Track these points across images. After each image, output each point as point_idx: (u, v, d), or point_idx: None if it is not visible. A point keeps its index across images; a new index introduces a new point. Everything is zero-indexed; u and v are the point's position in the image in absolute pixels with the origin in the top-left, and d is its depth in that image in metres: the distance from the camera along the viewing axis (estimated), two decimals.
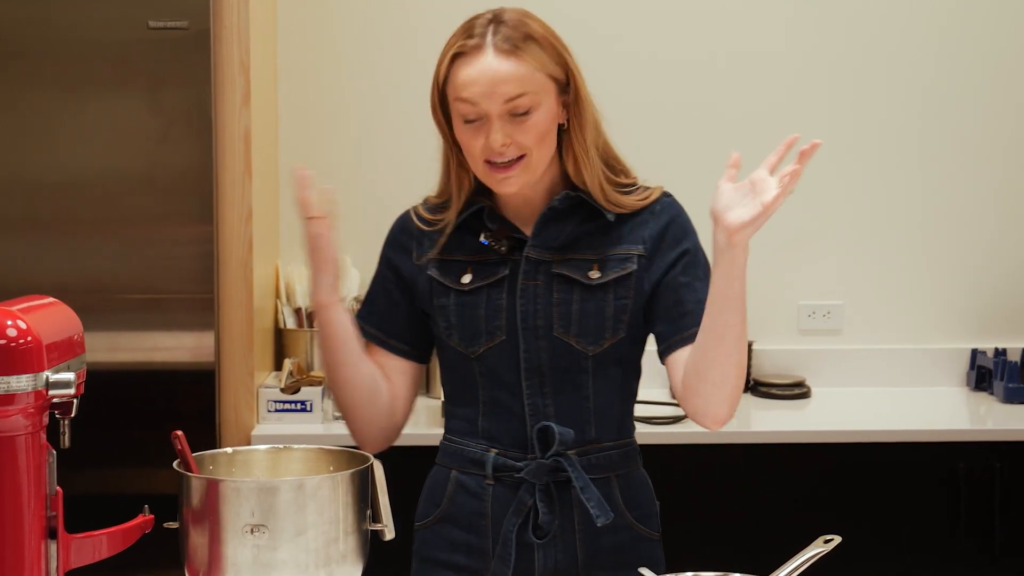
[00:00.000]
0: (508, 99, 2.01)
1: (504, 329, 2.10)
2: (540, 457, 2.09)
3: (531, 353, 2.10)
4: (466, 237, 2.14)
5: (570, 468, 2.07)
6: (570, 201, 2.12)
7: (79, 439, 1.82)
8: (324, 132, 3.83)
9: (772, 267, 3.89)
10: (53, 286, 2.21)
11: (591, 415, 2.12)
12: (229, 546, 1.79)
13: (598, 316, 2.09)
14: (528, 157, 2.04)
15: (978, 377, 3.81)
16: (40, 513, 1.73)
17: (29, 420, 1.71)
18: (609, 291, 2.10)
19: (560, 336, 2.09)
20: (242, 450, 2.03)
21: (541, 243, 2.11)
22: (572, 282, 2.10)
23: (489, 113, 2.02)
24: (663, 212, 2.16)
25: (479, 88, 2.01)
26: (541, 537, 2.09)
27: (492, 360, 2.11)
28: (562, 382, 2.10)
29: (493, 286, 2.11)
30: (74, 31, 3.17)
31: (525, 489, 2.09)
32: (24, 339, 1.68)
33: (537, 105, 2.03)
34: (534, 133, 2.03)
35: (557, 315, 2.09)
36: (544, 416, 2.10)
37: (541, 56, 2.05)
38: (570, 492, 2.09)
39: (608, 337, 2.10)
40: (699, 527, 3.27)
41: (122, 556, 1.87)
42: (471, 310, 2.11)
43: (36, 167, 3.20)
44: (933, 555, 3.28)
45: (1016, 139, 3.89)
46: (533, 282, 2.10)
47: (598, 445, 2.12)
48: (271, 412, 3.33)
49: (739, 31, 3.87)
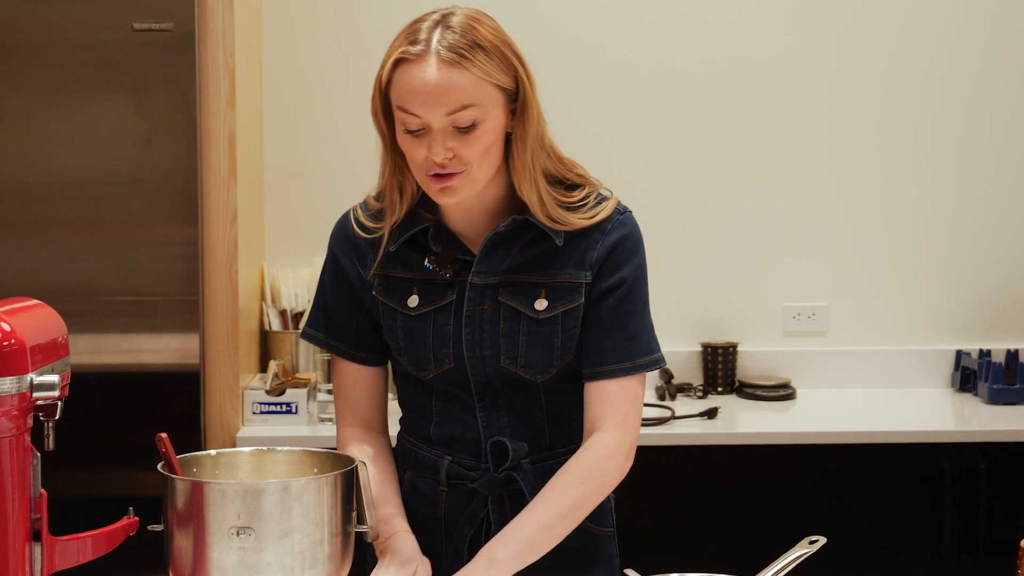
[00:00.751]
0: (451, 112, 1.89)
1: (451, 357, 2.05)
2: (493, 470, 2.07)
3: (479, 377, 2.06)
4: (411, 254, 2.06)
5: (523, 481, 2.05)
6: (515, 224, 2.02)
7: (63, 441, 1.82)
8: (309, 134, 3.83)
9: (757, 268, 3.90)
10: (37, 288, 2.21)
11: (545, 423, 2.09)
12: (214, 548, 1.78)
13: (546, 348, 2.04)
14: (469, 171, 1.94)
15: (963, 378, 3.82)
16: (24, 515, 1.72)
17: (13, 423, 1.70)
18: (557, 323, 2.03)
19: (507, 367, 2.04)
20: (227, 452, 2.02)
21: (486, 269, 2.03)
22: (518, 314, 2.02)
23: (430, 125, 1.91)
24: (612, 231, 2.05)
25: (420, 100, 1.90)
26: None
27: (443, 381, 2.07)
28: (515, 399, 2.07)
29: (440, 311, 2.05)
30: (58, 32, 3.16)
31: (478, 500, 2.08)
32: (8, 341, 1.68)
33: (483, 118, 1.92)
34: (478, 147, 1.92)
35: (504, 346, 2.03)
36: (498, 428, 2.07)
37: (488, 66, 1.92)
38: (523, 501, 2.05)
39: (556, 364, 2.05)
40: (684, 528, 3.28)
41: (107, 559, 1.87)
42: (419, 335, 2.05)
43: (20, 169, 3.19)
44: (918, 556, 3.29)
45: (1002, 142, 3.90)
46: (479, 307, 2.03)
47: (552, 452, 2.09)
48: (256, 414, 3.33)
49: (727, 37, 3.88)
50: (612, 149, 3.85)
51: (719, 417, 3.47)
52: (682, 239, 3.86)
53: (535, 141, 2.00)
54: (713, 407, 3.50)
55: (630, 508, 3.27)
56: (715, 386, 3.79)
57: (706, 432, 3.36)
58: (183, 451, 1.93)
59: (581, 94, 3.84)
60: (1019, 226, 3.91)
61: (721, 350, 3.79)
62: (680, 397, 3.72)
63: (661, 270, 3.86)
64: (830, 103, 3.88)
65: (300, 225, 3.82)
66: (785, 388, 3.75)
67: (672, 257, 3.86)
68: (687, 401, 3.68)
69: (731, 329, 3.89)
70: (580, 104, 3.84)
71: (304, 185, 3.84)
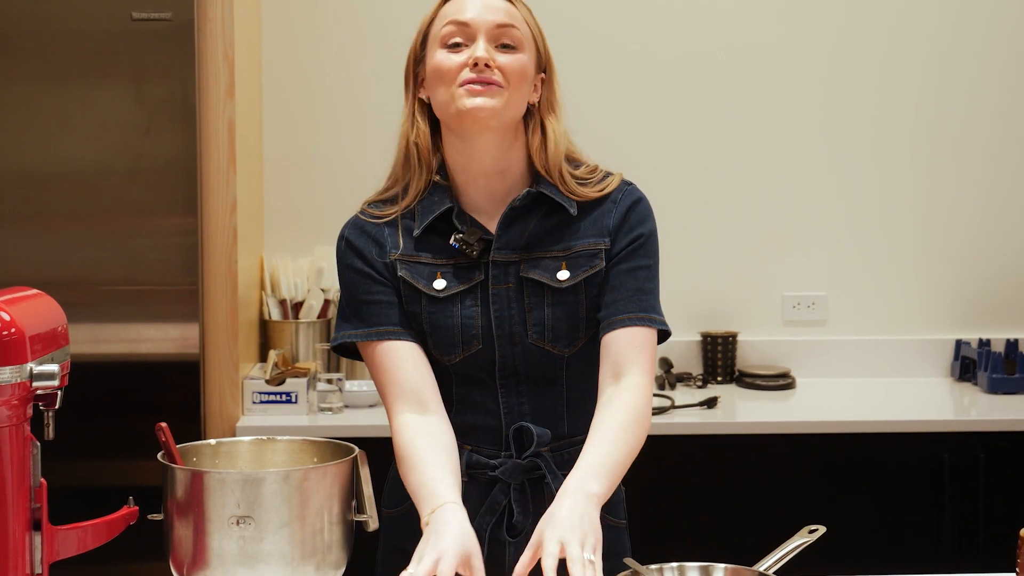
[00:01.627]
0: (499, 24, 2.01)
1: (480, 338, 2.05)
2: (516, 457, 2.07)
3: (506, 359, 2.06)
4: (433, 239, 2.06)
5: (545, 468, 2.06)
6: (531, 198, 2.05)
7: (63, 431, 1.82)
8: (308, 123, 3.83)
9: (756, 258, 3.90)
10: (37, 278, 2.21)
11: (564, 411, 2.10)
12: (214, 537, 1.79)
13: (571, 318, 2.06)
14: (504, 89, 1.99)
15: (962, 368, 3.82)
16: (24, 505, 1.73)
17: (13, 412, 1.70)
18: (580, 292, 2.06)
19: (535, 342, 2.06)
20: (226, 441, 2.02)
21: (506, 244, 2.05)
22: (541, 286, 2.05)
23: (477, 33, 2.00)
24: (624, 199, 2.10)
25: (474, 10, 2.01)
26: (515, 536, 2.07)
27: (467, 365, 2.07)
28: (537, 382, 2.08)
29: (466, 293, 2.05)
30: (57, 22, 3.16)
31: (499, 488, 2.07)
32: (7, 331, 1.68)
33: (522, 46, 2.03)
34: (517, 68, 2.01)
35: (531, 321, 2.05)
36: (519, 414, 2.07)
37: (530, 16, 2.07)
38: (543, 490, 2.07)
39: (582, 336, 2.08)
40: (684, 517, 3.28)
41: (106, 548, 1.87)
42: (446, 319, 2.05)
43: (19, 159, 3.19)
44: (918, 545, 3.29)
45: (1001, 132, 3.90)
46: (504, 286, 2.05)
47: (571, 440, 2.10)
48: (256, 404, 3.33)
49: (728, 25, 3.88)
50: (612, 143, 3.84)
51: (719, 407, 3.47)
52: (682, 229, 3.86)
53: (561, 111, 2.10)
54: (713, 396, 3.50)
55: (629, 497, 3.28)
56: (715, 375, 3.79)
57: (706, 422, 3.36)
58: (183, 440, 1.94)
59: (582, 86, 3.83)
60: (1019, 215, 3.91)
61: (721, 339, 3.80)
62: (680, 387, 3.72)
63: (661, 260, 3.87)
64: (829, 95, 3.88)
65: (299, 214, 3.82)
66: (785, 378, 3.75)
67: (672, 247, 3.84)
68: (686, 390, 3.68)
69: (731, 318, 3.89)
70: (581, 95, 3.83)
71: (303, 175, 3.84)
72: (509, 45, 2.01)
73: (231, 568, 1.79)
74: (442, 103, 2.02)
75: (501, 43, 2.01)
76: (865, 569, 2.15)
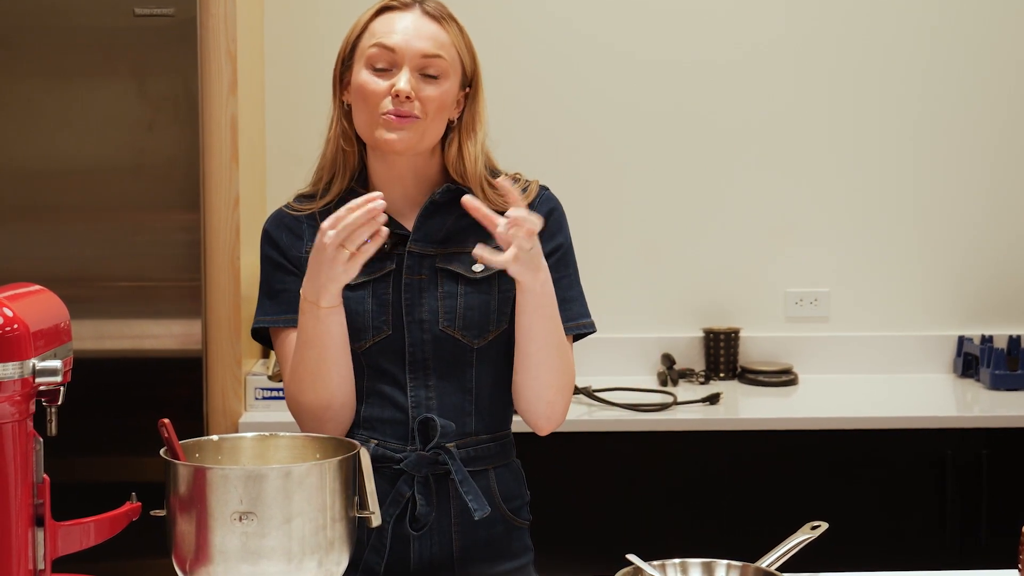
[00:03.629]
0: (425, 54, 2.04)
1: (390, 324, 2.08)
2: (420, 449, 2.08)
3: (416, 347, 2.09)
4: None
5: (450, 461, 2.07)
6: (450, 195, 2.10)
7: (66, 427, 1.82)
8: (310, 119, 3.80)
9: (759, 255, 3.90)
10: (39, 274, 2.21)
11: (472, 408, 2.11)
12: (217, 533, 1.79)
13: (483, 309, 2.09)
14: (422, 121, 2.04)
15: (965, 364, 3.82)
16: (27, 501, 1.73)
17: (15, 408, 1.71)
18: (494, 284, 2.10)
19: (445, 330, 2.08)
20: (229, 437, 2.02)
21: (423, 237, 2.10)
22: (456, 276, 2.09)
23: (402, 61, 2.03)
24: (541, 206, 2.13)
25: (401, 36, 2.04)
26: (418, 529, 2.08)
27: (377, 354, 2.10)
28: (445, 375, 2.10)
29: (379, 281, 2.09)
30: (60, 18, 3.16)
31: (404, 480, 2.08)
32: (10, 327, 1.68)
33: (446, 76, 2.06)
34: (437, 97, 2.04)
35: (443, 309, 2.08)
36: (426, 408, 2.09)
37: (459, 38, 2.09)
38: (448, 484, 2.09)
39: (492, 330, 2.10)
40: (687, 513, 3.28)
41: (109, 544, 1.87)
42: (357, 305, 2.08)
43: (22, 155, 3.19)
44: (920, 541, 3.30)
45: (1003, 131, 3.90)
46: (418, 276, 2.09)
47: (477, 438, 2.12)
48: (258, 400, 3.33)
49: (733, 25, 3.88)
50: (616, 140, 3.85)
51: (721, 403, 3.47)
52: (685, 225, 3.86)
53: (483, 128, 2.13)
54: (715, 393, 3.50)
55: (632, 494, 3.29)
56: (717, 372, 3.79)
57: (708, 418, 3.36)
58: (185, 436, 1.94)
59: (583, 86, 3.84)
60: (1020, 212, 3.91)
61: (723, 336, 3.80)
62: (682, 383, 3.72)
63: (664, 256, 3.88)
64: (833, 94, 3.88)
65: None
66: (787, 374, 3.75)
67: (675, 243, 3.86)
68: (689, 387, 3.68)
69: (733, 315, 3.89)
70: (582, 95, 3.84)
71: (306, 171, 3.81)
72: (434, 75, 2.05)
73: (234, 564, 1.79)
74: (361, 124, 2.09)
75: (426, 71, 2.05)
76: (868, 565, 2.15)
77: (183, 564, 1.83)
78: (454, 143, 2.11)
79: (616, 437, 3.28)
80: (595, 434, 3.28)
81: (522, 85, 3.76)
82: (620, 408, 3.36)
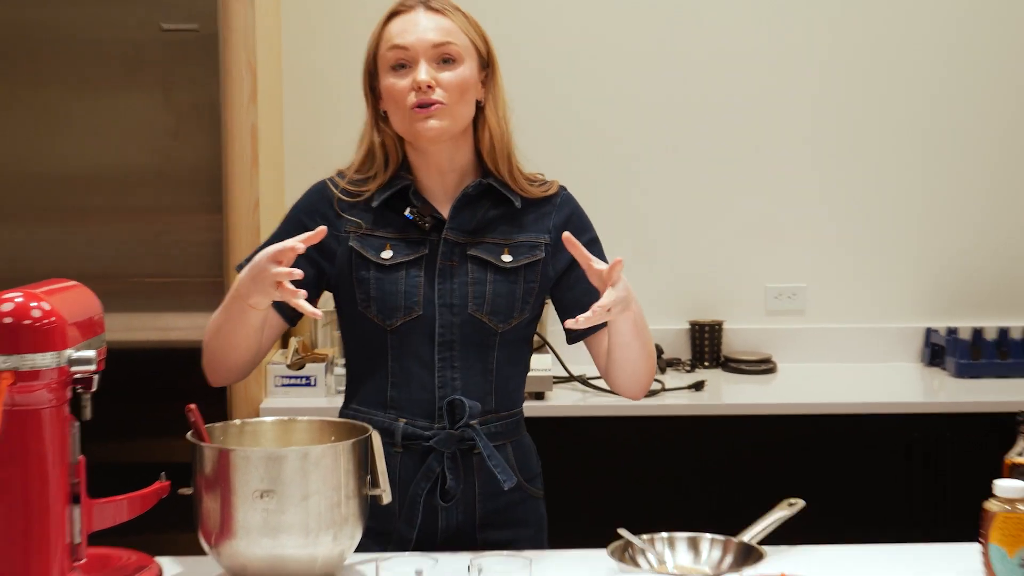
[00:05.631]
0: (436, 44, 2.07)
1: (421, 305, 2.10)
2: (448, 427, 2.09)
3: (445, 328, 2.10)
4: (388, 214, 2.13)
5: (477, 438, 2.09)
6: (482, 188, 2.14)
7: (100, 412, 1.83)
8: (326, 127, 3.82)
9: (741, 252, 3.90)
10: (75, 271, 2.21)
11: (493, 387, 2.13)
12: (240, 510, 1.80)
13: (510, 296, 2.12)
14: (449, 106, 2.07)
15: (932, 354, 3.82)
16: (64, 480, 1.74)
17: (53, 394, 1.72)
18: (520, 274, 2.13)
19: (474, 313, 2.10)
20: (251, 422, 2.04)
21: (457, 226, 2.12)
22: (487, 264, 2.12)
23: (417, 55, 2.06)
24: (563, 205, 2.20)
25: (410, 35, 2.07)
26: (447, 501, 2.10)
27: (406, 333, 2.10)
28: (470, 356, 2.11)
29: (412, 263, 2.11)
30: (91, 32, 3.16)
31: (433, 457, 2.09)
32: (48, 319, 1.69)
33: (461, 58, 2.09)
34: (456, 80, 2.07)
35: (472, 294, 2.10)
36: (452, 388, 2.10)
37: (466, 24, 2.12)
38: (473, 459, 2.11)
39: (516, 316, 2.13)
40: (674, 491, 3.29)
41: (141, 519, 1.88)
42: (391, 285, 2.10)
43: (57, 161, 3.19)
44: (889, 518, 3.30)
45: (967, 134, 3.89)
46: (450, 262, 2.11)
47: (496, 415, 2.14)
48: (278, 387, 3.34)
49: (712, 24, 3.86)
50: (604, 140, 3.84)
51: (705, 390, 3.48)
52: (672, 224, 3.86)
53: (504, 109, 2.15)
54: (700, 380, 3.51)
55: (622, 474, 3.29)
56: (702, 361, 3.80)
57: (694, 404, 3.37)
58: (211, 421, 1.95)
59: (571, 82, 3.83)
60: (984, 212, 3.91)
61: (708, 327, 3.80)
62: (669, 371, 3.73)
63: (652, 253, 3.88)
64: (808, 102, 3.87)
65: None
66: (767, 363, 3.75)
67: (662, 240, 3.87)
68: (676, 375, 3.68)
69: (717, 308, 3.89)
70: (569, 93, 3.83)
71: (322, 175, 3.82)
72: (449, 59, 2.08)
73: (255, 538, 1.80)
74: (397, 123, 2.12)
75: (441, 59, 2.08)
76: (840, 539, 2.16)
77: (209, 538, 1.84)
78: (483, 125, 2.14)
79: (609, 421, 3.28)
80: (589, 419, 3.29)
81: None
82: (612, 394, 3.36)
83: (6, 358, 1.66)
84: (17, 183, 3.19)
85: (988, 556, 1.86)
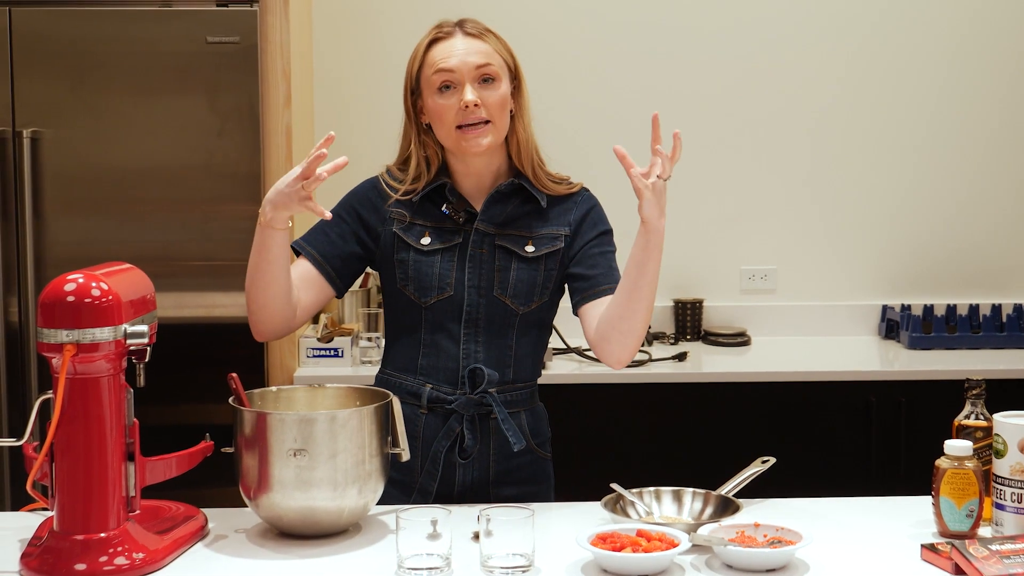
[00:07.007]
0: (478, 66, 2.06)
1: (453, 286, 2.10)
2: (469, 393, 2.09)
3: (472, 308, 2.11)
4: (428, 206, 2.13)
5: (494, 403, 2.09)
6: (512, 187, 2.14)
7: (152, 380, 1.83)
8: (353, 129, 3.81)
9: (718, 238, 3.89)
10: (130, 254, 2.21)
11: (511, 361, 2.13)
12: (275, 467, 1.79)
13: (530, 283, 2.12)
14: (493, 123, 2.07)
15: (887, 328, 3.81)
16: (120, 440, 1.74)
17: (111, 364, 1.71)
18: (541, 263, 2.13)
19: (498, 296, 2.11)
20: (285, 388, 2.03)
21: (488, 219, 2.12)
22: (512, 253, 2.12)
23: (463, 78, 2.06)
24: (584, 202, 2.19)
25: (455, 59, 2.06)
26: (465, 458, 2.11)
27: (438, 310, 2.11)
28: (492, 333, 2.11)
29: (447, 250, 2.11)
30: (146, 45, 3.16)
31: (454, 419, 2.10)
32: (106, 298, 1.68)
33: (500, 77, 2.08)
34: (498, 99, 2.07)
35: (498, 279, 2.11)
36: (474, 359, 2.11)
37: (499, 44, 2.12)
38: (490, 423, 2.11)
39: (536, 300, 2.13)
40: (660, 450, 3.28)
41: (188, 475, 1.88)
42: (427, 268, 2.10)
43: (115, 158, 3.19)
44: (850, 473, 3.29)
45: (922, 123, 3.87)
46: (480, 250, 2.11)
47: (513, 385, 2.14)
48: (309, 358, 3.33)
49: (683, 13, 3.82)
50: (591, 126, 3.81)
51: (688, 360, 3.47)
52: None
53: (529, 118, 2.15)
54: (683, 352, 3.50)
55: (614, 435, 3.29)
56: (685, 334, 3.79)
57: (677, 372, 3.36)
58: (250, 387, 1.94)
59: (560, 70, 3.81)
60: (936, 202, 3.89)
61: (689, 305, 3.79)
62: (655, 344, 3.72)
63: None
64: (773, 92, 3.85)
65: None
66: (742, 336, 3.74)
67: None
68: (661, 347, 3.67)
69: (698, 287, 3.88)
70: (547, 78, 3.81)
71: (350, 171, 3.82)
72: (489, 79, 2.07)
73: (289, 492, 1.80)
74: (444, 137, 2.11)
75: (482, 79, 2.07)
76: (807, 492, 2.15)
77: (248, 492, 1.84)
78: (512, 131, 2.14)
79: (602, 388, 3.28)
80: (584, 386, 3.28)
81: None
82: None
83: (69, 332, 1.66)
84: (82, 177, 3.20)
85: (939, 507, 1.86)
